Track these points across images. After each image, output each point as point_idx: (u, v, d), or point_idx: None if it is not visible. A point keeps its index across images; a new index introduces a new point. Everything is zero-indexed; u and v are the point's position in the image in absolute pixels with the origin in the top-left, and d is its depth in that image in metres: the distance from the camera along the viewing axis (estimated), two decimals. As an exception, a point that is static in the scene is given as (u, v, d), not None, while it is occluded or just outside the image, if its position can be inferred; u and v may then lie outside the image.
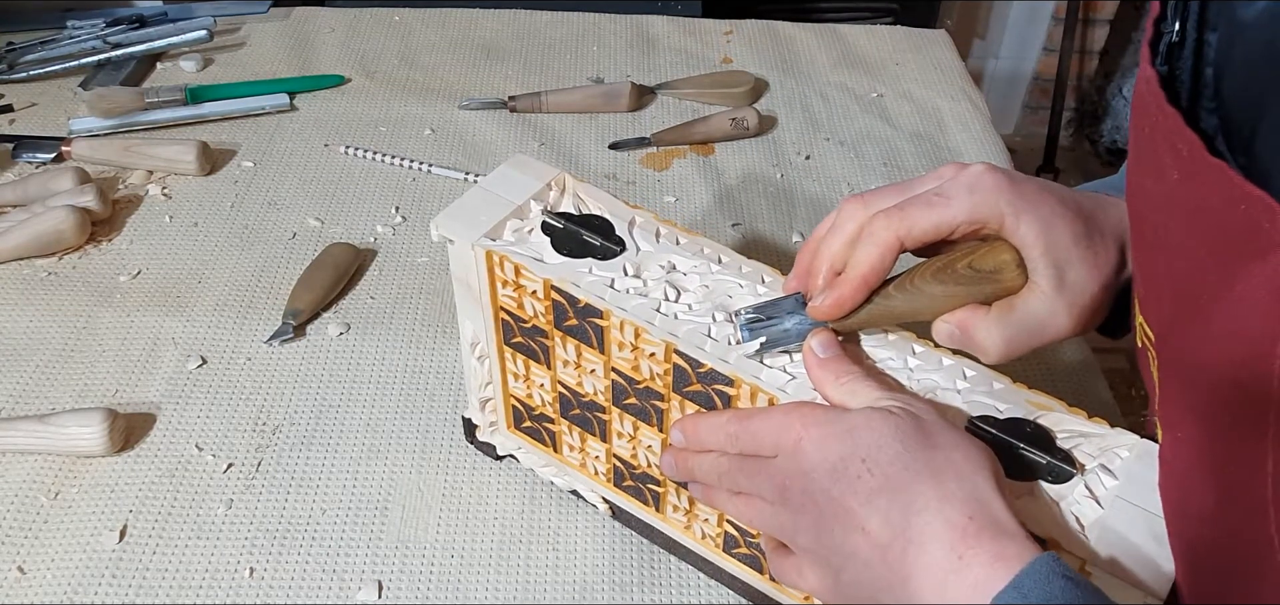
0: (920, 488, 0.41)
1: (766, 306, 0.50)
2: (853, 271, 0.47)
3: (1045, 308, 0.47)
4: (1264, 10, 0.35)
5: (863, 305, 0.48)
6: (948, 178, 0.48)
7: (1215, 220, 0.35)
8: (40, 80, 1.05)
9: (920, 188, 0.49)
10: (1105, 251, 0.48)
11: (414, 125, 1.02)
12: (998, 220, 0.47)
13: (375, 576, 0.61)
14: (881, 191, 0.49)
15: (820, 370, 0.48)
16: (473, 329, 0.60)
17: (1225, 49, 0.38)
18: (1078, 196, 0.49)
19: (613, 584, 0.61)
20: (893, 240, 0.46)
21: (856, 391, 0.46)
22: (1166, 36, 0.41)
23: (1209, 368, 0.37)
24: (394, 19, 1.19)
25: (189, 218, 0.88)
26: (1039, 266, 0.47)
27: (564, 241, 0.55)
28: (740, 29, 1.20)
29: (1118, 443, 0.46)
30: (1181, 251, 0.38)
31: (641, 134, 1.00)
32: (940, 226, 0.46)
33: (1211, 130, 0.40)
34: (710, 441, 0.49)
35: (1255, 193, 0.32)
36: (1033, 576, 0.37)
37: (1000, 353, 0.48)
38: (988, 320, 0.48)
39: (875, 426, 0.43)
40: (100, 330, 0.77)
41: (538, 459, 0.65)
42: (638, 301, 0.51)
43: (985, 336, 0.48)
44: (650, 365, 0.52)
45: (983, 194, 0.46)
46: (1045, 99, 2.46)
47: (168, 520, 0.64)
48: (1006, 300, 0.47)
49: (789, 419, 0.45)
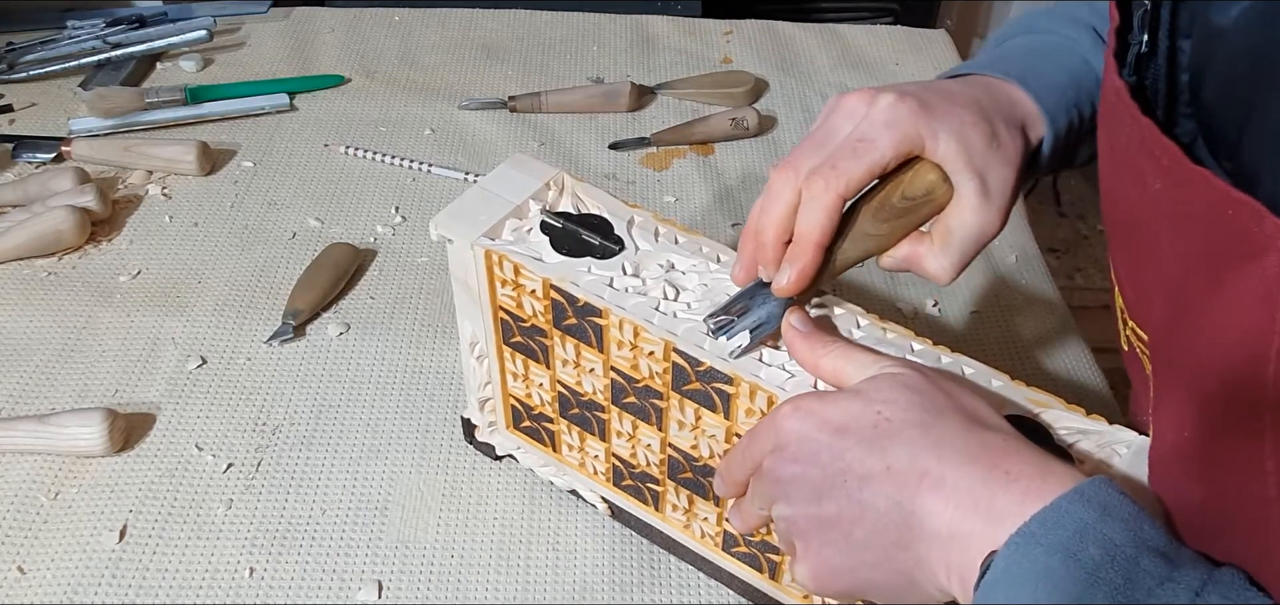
0: (947, 420, 0.41)
1: (731, 305, 0.50)
2: (805, 239, 0.47)
3: (977, 218, 0.48)
4: (1242, 14, 0.35)
5: (821, 268, 0.48)
6: (860, 116, 0.48)
7: (1202, 225, 0.35)
8: (40, 80, 1.05)
9: (838, 135, 0.48)
10: (1011, 142, 0.49)
11: (414, 125, 1.02)
12: (919, 145, 0.47)
13: (375, 576, 0.61)
14: (802, 151, 0.48)
15: (805, 343, 0.47)
16: (472, 329, 0.60)
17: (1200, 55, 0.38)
18: (975, 96, 0.50)
19: (613, 584, 0.61)
20: (835, 200, 0.46)
21: (851, 357, 0.46)
22: (1134, 47, 0.41)
23: (1204, 370, 0.37)
24: (394, 19, 1.19)
25: (189, 218, 0.89)
26: (963, 179, 0.48)
27: (563, 241, 0.55)
28: (740, 29, 1.20)
29: (1116, 439, 0.46)
30: (1170, 256, 0.39)
31: (641, 134, 1.01)
32: (872, 170, 0.47)
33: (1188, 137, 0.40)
34: (741, 475, 0.47)
35: (1242, 198, 0.33)
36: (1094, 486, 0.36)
37: (951, 274, 0.49)
38: (933, 249, 0.49)
39: (883, 385, 0.43)
40: (100, 330, 0.77)
41: (537, 459, 0.65)
42: (636, 300, 0.51)
43: (934, 265, 0.49)
44: (649, 364, 0.52)
45: (901, 126, 0.47)
46: (1045, 99, 2.46)
47: (168, 520, 0.64)
48: (944, 226, 0.49)
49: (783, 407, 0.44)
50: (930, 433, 0.40)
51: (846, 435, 0.41)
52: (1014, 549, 0.36)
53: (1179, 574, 0.34)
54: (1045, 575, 0.34)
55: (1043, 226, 2.39)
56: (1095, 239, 2.40)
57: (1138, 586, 0.33)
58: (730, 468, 0.48)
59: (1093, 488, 0.36)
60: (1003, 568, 0.36)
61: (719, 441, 0.52)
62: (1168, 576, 0.33)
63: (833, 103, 0.50)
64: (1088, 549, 0.34)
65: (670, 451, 0.56)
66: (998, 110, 0.50)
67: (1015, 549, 0.36)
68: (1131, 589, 0.33)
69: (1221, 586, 0.33)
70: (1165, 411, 0.42)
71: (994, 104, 0.50)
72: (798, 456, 0.42)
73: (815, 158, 0.47)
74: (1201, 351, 0.37)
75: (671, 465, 0.56)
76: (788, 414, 0.43)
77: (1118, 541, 0.34)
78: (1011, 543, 0.36)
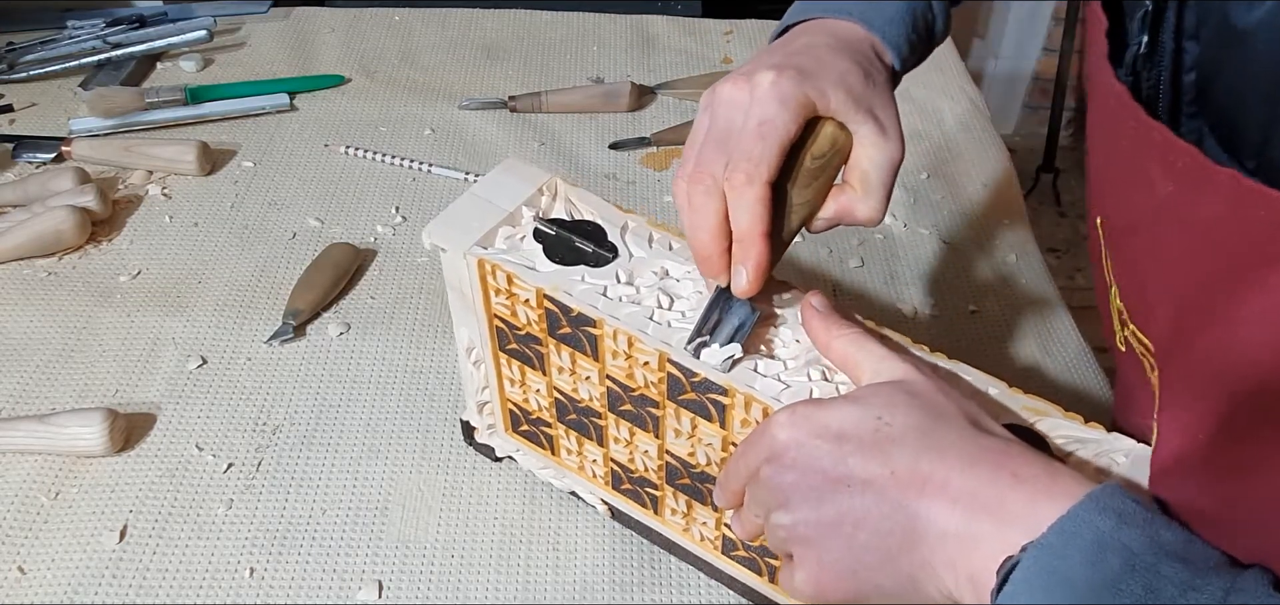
0: (949, 424, 0.41)
1: (702, 324, 0.50)
2: (750, 234, 0.47)
3: (883, 151, 0.50)
4: (1268, 15, 0.35)
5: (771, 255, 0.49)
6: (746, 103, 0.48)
7: (1221, 228, 0.35)
8: (40, 80, 1.05)
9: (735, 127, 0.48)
10: (880, 72, 0.52)
11: (414, 125, 1.02)
12: (812, 108, 0.49)
13: (375, 576, 0.62)
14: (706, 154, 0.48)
15: (821, 323, 0.48)
16: (468, 335, 0.60)
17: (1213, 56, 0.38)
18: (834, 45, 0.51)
19: (613, 584, 0.61)
20: (763, 189, 0.47)
21: (863, 344, 0.46)
22: (1133, 47, 0.41)
23: (1226, 375, 0.37)
24: (394, 19, 1.19)
25: (189, 218, 0.89)
26: (859, 122, 0.49)
27: (556, 248, 0.54)
28: (740, 29, 1.20)
29: (1114, 447, 0.46)
30: (1179, 262, 0.38)
31: (642, 134, 1.01)
32: (782, 147, 0.47)
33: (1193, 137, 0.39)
34: (737, 484, 0.47)
35: (1276, 196, 0.32)
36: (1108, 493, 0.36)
37: (880, 211, 0.50)
38: (857, 197, 0.50)
39: (881, 392, 0.43)
40: (100, 330, 0.77)
41: (536, 461, 0.65)
42: (630, 309, 0.51)
43: (863, 209, 0.50)
44: (644, 373, 0.52)
45: (793, 98, 0.48)
46: (1045, 99, 2.46)
47: (168, 520, 0.64)
48: (858, 171, 0.50)
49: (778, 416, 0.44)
50: (932, 437, 0.40)
51: (846, 441, 0.41)
52: (1033, 561, 0.35)
53: (1202, 580, 0.33)
54: (1066, 587, 0.34)
55: (1043, 226, 2.39)
56: (1095, 239, 2.40)
57: (1160, 594, 0.33)
58: (727, 479, 0.48)
59: (1106, 495, 0.36)
60: (1023, 580, 0.35)
61: (716, 450, 0.52)
62: (1190, 583, 0.33)
63: (708, 98, 0.50)
64: (1108, 559, 0.34)
65: (668, 458, 0.56)
66: (858, 50, 0.52)
67: (1035, 561, 0.35)
68: (1154, 598, 0.33)
69: (1247, 590, 0.33)
70: (1173, 417, 0.42)
71: (852, 46, 0.52)
72: (796, 463, 0.42)
73: (721, 156, 0.48)
74: (1221, 357, 0.37)
75: (669, 471, 0.56)
76: (783, 423, 0.43)
77: (1136, 549, 0.34)
78: (1031, 554, 0.35)
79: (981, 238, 0.91)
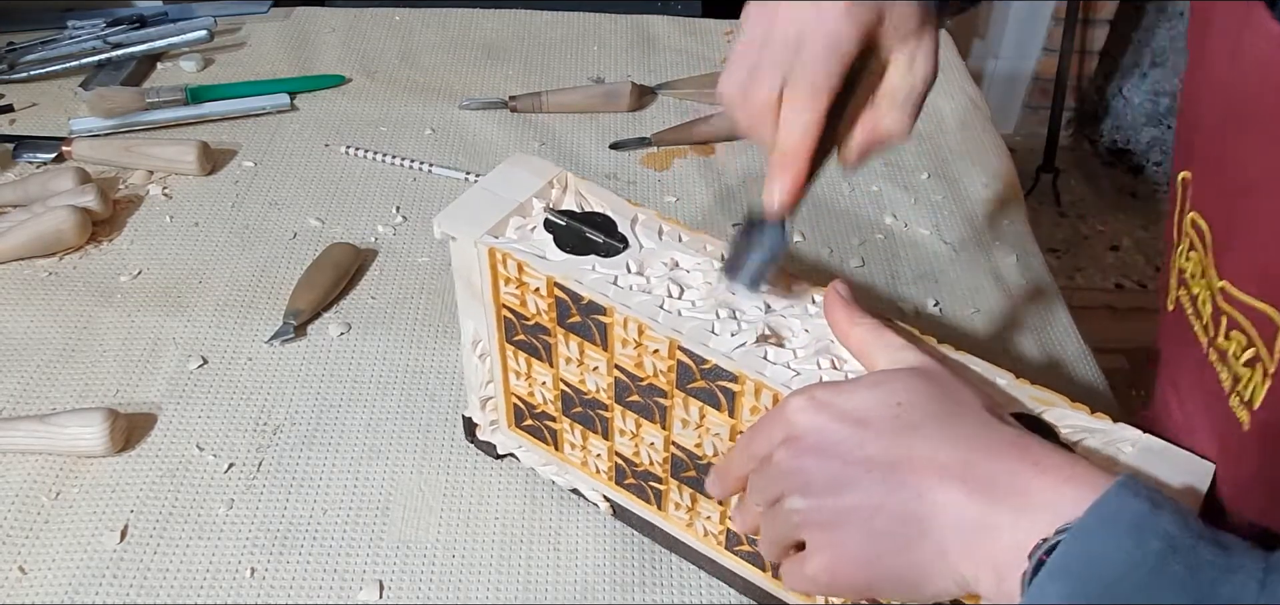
0: (967, 413, 0.40)
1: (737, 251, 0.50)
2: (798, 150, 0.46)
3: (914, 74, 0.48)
4: None
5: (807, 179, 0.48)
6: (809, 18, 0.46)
7: None
8: (40, 80, 1.05)
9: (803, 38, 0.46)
10: None
11: (414, 125, 1.01)
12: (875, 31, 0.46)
13: (376, 576, 0.61)
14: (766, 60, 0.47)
15: (843, 309, 0.48)
16: (474, 327, 0.60)
17: None
18: None
19: (614, 583, 0.61)
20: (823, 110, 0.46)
21: (881, 335, 0.46)
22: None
23: None
24: (394, 19, 1.19)
25: (189, 218, 0.88)
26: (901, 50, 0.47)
27: (567, 239, 0.55)
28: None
29: (1121, 437, 0.46)
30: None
31: (642, 134, 1.00)
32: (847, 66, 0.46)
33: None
34: (742, 470, 0.46)
35: None
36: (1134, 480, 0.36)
37: (906, 126, 0.48)
38: (881, 112, 0.48)
39: (900, 377, 0.42)
40: (101, 330, 0.77)
41: (538, 457, 0.65)
42: (641, 298, 0.51)
43: (889, 124, 0.48)
44: (654, 362, 0.52)
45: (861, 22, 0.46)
46: (1045, 99, 2.47)
47: (169, 520, 0.64)
48: (887, 88, 0.48)
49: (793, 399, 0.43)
50: (950, 425, 0.40)
51: (867, 427, 0.41)
52: (1072, 544, 0.35)
53: (1237, 561, 0.33)
54: (1108, 569, 0.33)
55: (1043, 226, 2.39)
56: (1095, 239, 2.40)
57: (1202, 576, 0.33)
58: (729, 463, 0.47)
59: (1133, 481, 0.35)
60: (1061, 564, 0.35)
61: (723, 440, 0.52)
62: (1229, 566, 0.33)
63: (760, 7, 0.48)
64: (1148, 541, 0.33)
65: (673, 450, 0.56)
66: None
67: (1074, 544, 0.35)
68: (1196, 579, 0.32)
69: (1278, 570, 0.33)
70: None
71: None
72: (816, 447, 0.42)
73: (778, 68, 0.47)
74: None
75: (675, 464, 0.56)
76: (801, 406, 0.42)
77: (1173, 532, 0.33)
78: (1070, 537, 0.35)
79: (982, 238, 0.90)
